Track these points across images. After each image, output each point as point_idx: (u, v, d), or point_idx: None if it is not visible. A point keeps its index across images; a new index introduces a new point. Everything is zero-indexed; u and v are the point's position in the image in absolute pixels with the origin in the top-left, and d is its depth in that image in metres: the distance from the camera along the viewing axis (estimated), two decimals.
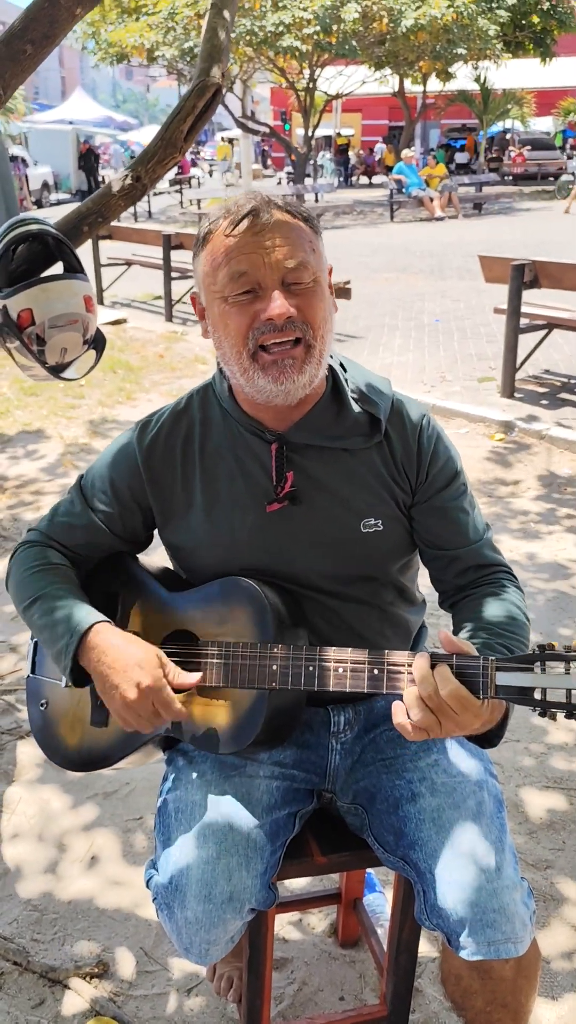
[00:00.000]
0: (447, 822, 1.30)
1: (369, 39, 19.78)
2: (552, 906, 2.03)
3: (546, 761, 2.53)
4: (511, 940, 1.24)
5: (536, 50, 23.85)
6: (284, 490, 1.36)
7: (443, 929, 1.26)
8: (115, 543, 1.49)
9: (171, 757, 1.46)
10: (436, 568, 1.47)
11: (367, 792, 1.42)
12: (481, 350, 7.30)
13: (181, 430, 1.44)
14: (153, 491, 1.43)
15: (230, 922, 1.28)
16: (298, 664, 1.25)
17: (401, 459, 1.40)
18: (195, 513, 1.41)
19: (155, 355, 7.42)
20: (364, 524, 1.38)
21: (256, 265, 1.26)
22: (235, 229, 1.27)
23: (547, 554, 3.81)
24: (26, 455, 5.10)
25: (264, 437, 1.38)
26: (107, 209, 2.30)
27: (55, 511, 1.52)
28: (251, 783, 1.37)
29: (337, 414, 1.39)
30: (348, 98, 25.59)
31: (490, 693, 1.15)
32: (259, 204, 1.28)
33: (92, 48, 22.17)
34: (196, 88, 2.26)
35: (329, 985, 1.86)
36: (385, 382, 1.46)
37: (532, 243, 12.87)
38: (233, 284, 1.27)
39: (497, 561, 1.47)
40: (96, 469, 1.50)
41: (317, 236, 1.33)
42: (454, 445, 1.48)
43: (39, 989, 1.84)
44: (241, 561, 1.38)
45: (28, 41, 1.80)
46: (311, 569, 1.38)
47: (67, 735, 1.47)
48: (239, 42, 18.38)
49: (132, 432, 1.47)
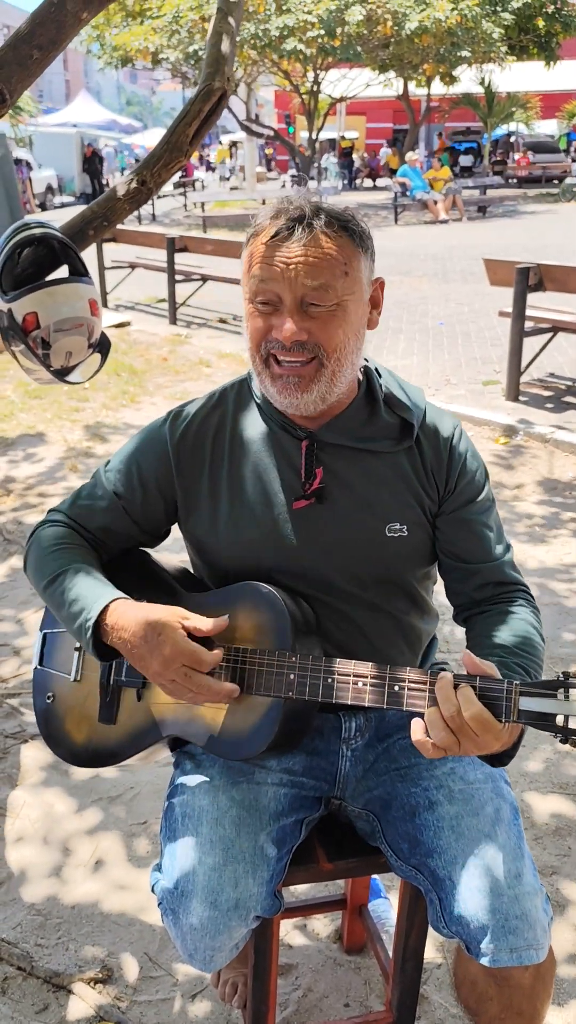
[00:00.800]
0: (466, 829, 1.29)
1: (373, 42, 19.81)
2: (558, 912, 2.03)
3: (552, 767, 2.52)
4: (533, 947, 1.23)
5: (540, 53, 23.87)
6: (312, 487, 1.36)
7: (463, 936, 1.26)
8: (133, 531, 1.48)
9: (179, 760, 1.45)
10: (454, 580, 1.47)
11: (381, 800, 1.41)
12: (485, 353, 7.30)
13: (213, 422, 1.44)
14: (180, 481, 1.43)
15: (235, 929, 1.27)
16: (316, 675, 1.25)
17: (432, 466, 1.41)
18: (220, 506, 1.41)
19: (159, 358, 7.42)
20: (389, 528, 1.38)
21: (278, 280, 1.26)
22: (272, 238, 1.27)
23: (551, 558, 3.81)
24: (29, 458, 5.11)
25: (295, 434, 1.39)
26: (112, 213, 2.31)
27: (78, 494, 1.51)
28: (259, 790, 1.36)
29: (369, 417, 1.40)
30: (352, 101, 25.63)
31: (512, 717, 1.15)
32: (301, 217, 1.26)
33: (97, 51, 22.22)
34: (202, 92, 2.26)
35: (334, 991, 1.85)
36: (418, 391, 1.47)
37: (536, 246, 12.87)
38: (257, 293, 1.29)
39: (516, 580, 1.47)
40: (123, 455, 1.49)
41: (360, 255, 1.30)
42: (483, 460, 1.48)
43: (43, 994, 1.84)
44: (263, 557, 1.38)
45: (35, 46, 1.81)
46: (332, 570, 1.38)
47: (73, 730, 1.46)
48: (243, 45, 18.43)
49: (163, 421, 1.47)
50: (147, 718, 1.39)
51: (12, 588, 3.56)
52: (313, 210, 1.27)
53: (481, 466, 1.46)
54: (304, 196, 1.31)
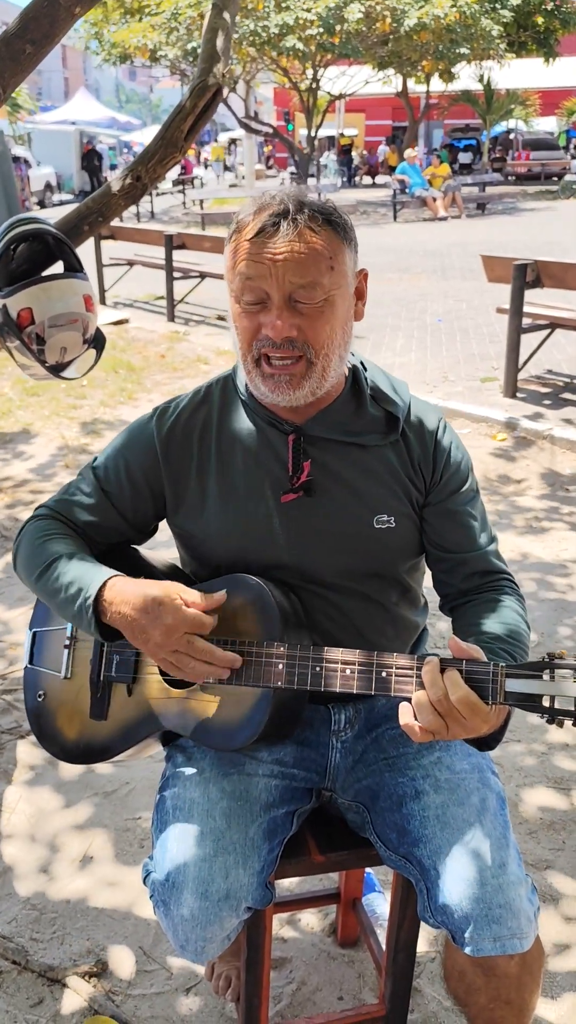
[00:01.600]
0: (451, 819, 1.30)
1: (372, 39, 19.79)
2: (552, 906, 2.03)
3: (546, 761, 2.53)
4: (516, 936, 1.24)
5: (539, 50, 23.88)
6: (300, 480, 1.37)
7: (448, 926, 1.26)
8: (121, 527, 1.48)
9: (170, 753, 1.46)
10: (441, 571, 1.48)
11: (369, 791, 1.42)
12: (484, 350, 7.30)
13: (199, 419, 1.44)
14: (169, 476, 1.44)
15: (226, 920, 1.28)
16: (304, 664, 1.25)
17: (418, 459, 1.42)
18: (209, 501, 1.41)
19: (157, 355, 7.42)
20: (377, 520, 1.39)
21: (265, 277, 1.26)
22: (255, 235, 1.26)
23: (549, 554, 3.81)
24: (27, 455, 5.11)
25: (282, 428, 1.39)
26: (107, 209, 2.31)
27: (65, 490, 1.52)
28: (250, 781, 1.37)
29: (355, 411, 1.40)
30: (351, 98, 25.59)
31: (499, 699, 1.16)
32: (285, 212, 1.26)
33: (95, 48, 22.20)
34: (196, 88, 2.26)
35: (328, 985, 1.86)
36: (403, 384, 1.47)
37: (535, 243, 12.87)
38: (243, 291, 1.29)
39: (501, 569, 1.48)
40: (110, 451, 1.50)
41: (345, 247, 1.30)
42: (468, 452, 1.49)
43: (38, 988, 1.84)
44: (252, 552, 1.38)
45: (28, 41, 1.81)
46: (321, 562, 1.39)
47: (65, 727, 1.47)
48: (242, 42, 18.41)
49: (150, 417, 1.47)
50: (138, 713, 1.39)
51: (8, 585, 3.56)
52: (296, 204, 1.27)
53: (465, 457, 1.47)
54: (285, 190, 1.31)
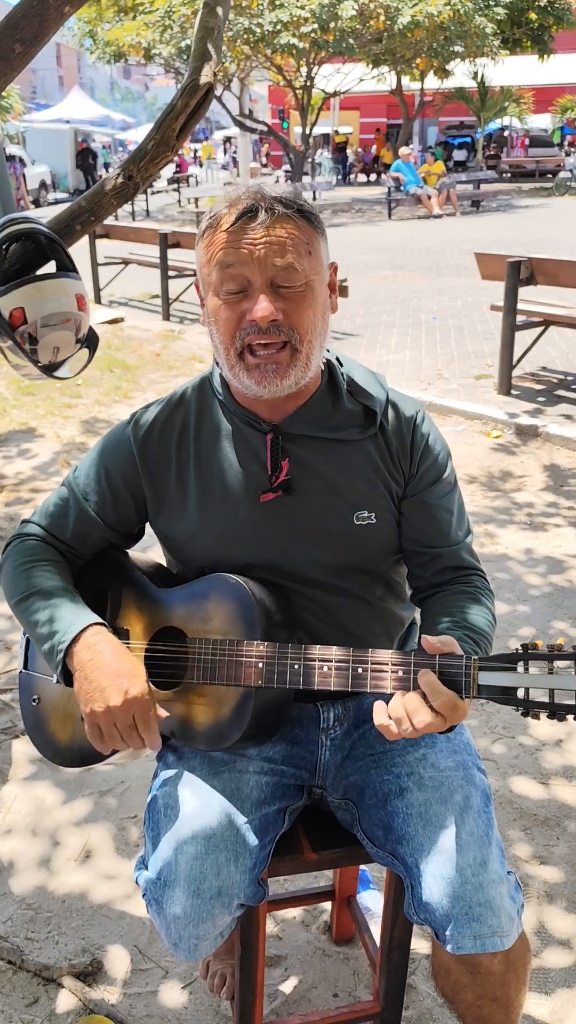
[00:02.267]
0: (434, 817, 1.30)
1: (366, 36, 19.77)
2: (545, 901, 2.04)
3: (540, 756, 2.53)
4: (497, 934, 1.24)
5: (534, 47, 23.85)
6: (279, 479, 1.36)
7: (430, 923, 1.27)
8: (107, 534, 1.49)
9: (161, 753, 1.46)
10: (414, 564, 1.48)
11: (356, 787, 1.43)
12: (478, 347, 7.30)
13: (177, 421, 1.44)
14: (148, 481, 1.44)
15: (219, 917, 1.28)
16: (283, 662, 1.26)
17: (396, 451, 1.41)
18: (189, 504, 1.41)
19: (152, 354, 7.42)
20: (357, 516, 1.39)
21: (246, 263, 1.26)
22: (232, 225, 1.27)
23: (544, 549, 3.82)
24: (22, 454, 5.10)
25: (259, 427, 1.39)
26: (100, 208, 2.30)
27: (47, 503, 1.52)
28: (240, 778, 1.37)
29: (332, 406, 1.40)
30: (346, 96, 25.56)
31: (472, 693, 1.17)
32: (259, 201, 1.28)
33: (89, 47, 22.16)
34: (188, 87, 2.26)
35: (323, 982, 1.86)
36: (380, 377, 1.47)
37: (530, 240, 12.87)
38: (224, 280, 1.29)
39: (473, 565, 1.48)
40: (88, 461, 1.50)
41: (318, 236, 1.32)
42: (448, 445, 1.49)
43: (33, 988, 1.84)
44: (234, 552, 1.38)
45: (17, 40, 1.80)
46: (304, 561, 1.39)
47: (59, 731, 1.47)
48: (236, 40, 18.37)
49: (127, 423, 1.47)
50: None
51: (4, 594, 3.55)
52: (269, 195, 1.29)
53: (444, 449, 1.47)
54: (253, 185, 1.32)
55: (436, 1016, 1.77)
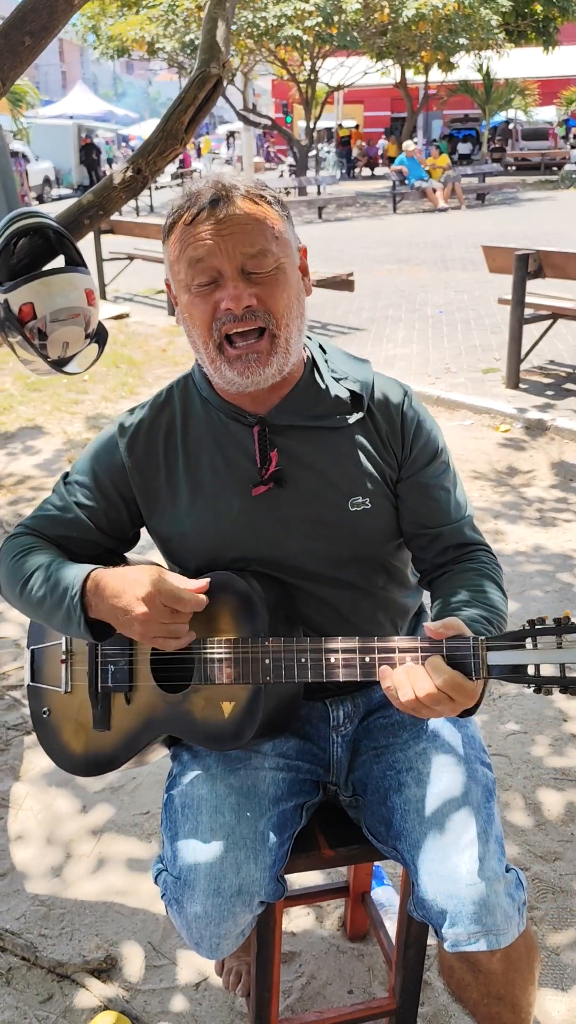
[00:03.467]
0: (431, 813, 1.29)
1: (371, 30, 19.70)
2: (561, 898, 2.03)
3: (555, 752, 2.52)
4: (492, 932, 1.23)
5: (539, 39, 23.75)
6: (269, 471, 1.35)
7: (428, 920, 1.27)
8: (101, 539, 1.47)
9: (176, 752, 1.45)
10: (417, 547, 1.46)
11: (361, 783, 1.42)
12: (485, 341, 7.28)
13: (163, 422, 1.43)
14: (137, 484, 1.42)
15: (240, 915, 1.28)
16: (291, 657, 1.24)
17: (386, 435, 1.40)
18: (181, 503, 1.40)
19: (158, 349, 7.41)
20: (352, 503, 1.37)
21: (215, 254, 1.25)
22: (195, 219, 1.26)
23: (554, 544, 3.80)
24: (29, 451, 5.10)
25: (245, 421, 1.37)
26: (108, 202, 2.29)
27: (41, 507, 1.50)
28: (257, 775, 1.36)
29: (317, 394, 1.38)
30: (350, 89, 25.49)
31: (482, 674, 1.15)
32: (219, 191, 1.26)
33: (92, 42, 22.11)
34: (196, 79, 2.25)
35: (338, 979, 1.85)
36: (365, 362, 1.45)
37: (536, 233, 12.82)
38: (194, 274, 1.27)
39: (477, 540, 1.45)
40: (80, 465, 1.49)
41: (283, 219, 1.31)
42: (437, 424, 1.47)
43: (47, 984, 1.84)
44: (230, 549, 1.37)
45: (27, 32, 1.79)
46: (301, 553, 1.37)
47: (72, 741, 1.46)
48: (240, 34, 18.33)
49: (114, 427, 1.46)
50: (138, 720, 1.39)
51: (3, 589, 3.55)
52: (228, 182, 1.27)
53: (434, 429, 1.45)
54: (209, 174, 1.31)
55: (452, 1012, 1.76)
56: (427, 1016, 1.76)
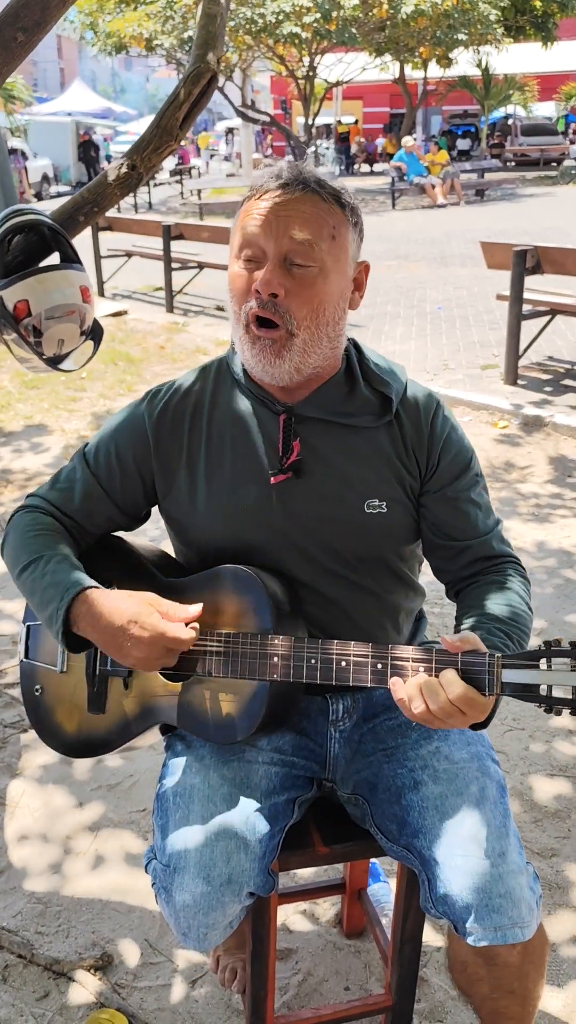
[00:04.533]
0: (450, 809, 1.29)
1: (369, 25, 19.65)
2: (558, 894, 2.03)
3: (552, 749, 2.52)
4: (517, 925, 1.23)
5: (538, 34, 23.68)
6: (290, 460, 1.35)
7: (449, 916, 1.26)
8: (113, 513, 1.47)
9: (170, 742, 1.45)
10: (440, 558, 1.46)
11: (368, 782, 1.41)
12: (484, 337, 7.27)
13: (191, 400, 1.44)
14: (158, 459, 1.43)
15: (228, 905, 1.27)
16: (300, 657, 1.24)
17: (412, 442, 1.40)
18: (198, 483, 1.40)
19: (156, 346, 7.40)
20: (368, 504, 1.37)
21: (266, 233, 1.27)
22: (266, 193, 1.28)
23: (554, 541, 3.80)
24: (28, 448, 5.09)
25: (273, 408, 1.38)
26: (103, 198, 2.28)
27: (56, 477, 1.51)
28: (249, 768, 1.36)
29: (348, 392, 1.39)
30: (348, 86, 25.44)
31: (495, 690, 1.16)
32: (298, 176, 1.28)
33: (90, 39, 22.06)
34: (191, 75, 2.24)
35: (334, 975, 1.85)
36: (400, 367, 1.46)
37: (535, 229, 12.80)
38: (243, 245, 1.30)
39: (505, 552, 1.46)
40: (101, 436, 1.48)
41: (349, 226, 1.32)
42: (467, 435, 1.47)
43: (44, 981, 1.84)
44: (242, 535, 1.37)
45: (19, 28, 1.78)
46: (309, 548, 1.37)
47: (64, 721, 1.46)
48: (239, 30, 18.28)
49: (142, 400, 1.46)
50: (135, 707, 1.39)
51: (9, 579, 3.54)
52: (310, 174, 1.30)
53: (465, 442, 1.45)
54: (299, 165, 1.33)
55: (448, 1009, 1.76)
56: (423, 1012, 1.76)
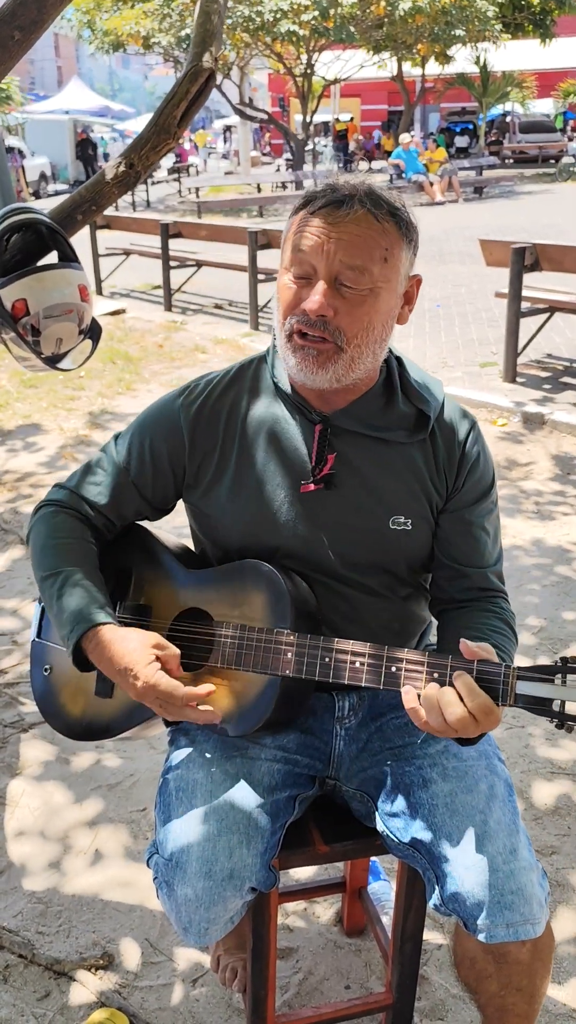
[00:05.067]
0: (460, 807, 1.29)
1: (367, 23, 19.63)
2: (558, 892, 2.03)
3: (552, 747, 2.52)
4: (529, 921, 1.24)
5: (536, 31, 23.66)
6: (323, 472, 1.35)
7: (460, 914, 1.26)
8: (142, 506, 1.47)
9: (173, 736, 1.46)
10: (442, 577, 1.46)
11: (375, 780, 1.41)
12: (483, 335, 7.27)
13: (228, 400, 1.43)
14: (191, 456, 1.42)
15: (230, 900, 1.28)
16: (314, 654, 1.25)
17: (443, 461, 1.40)
18: (227, 484, 1.40)
19: (154, 345, 7.39)
20: (393, 521, 1.37)
21: (317, 252, 1.25)
22: (319, 209, 1.26)
23: (552, 538, 3.80)
24: (26, 448, 5.09)
25: (310, 417, 1.38)
26: (101, 197, 2.28)
27: (86, 468, 1.50)
28: (252, 764, 1.36)
29: (385, 405, 1.38)
30: (346, 83, 25.40)
31: (509, 701, 1.16)
32: (356, 193, 1.26)
33: (88, 37, 22.03)
34: (189, 73, 2.23)
35: (335, 974, 1.85)
36: (437, 383, 1.45)
37: (534, 227, 12.80)
38: (294, 261, 1.29)
39: (500, 588, 1.47)
40: (134, 428, 1.48)
41: (403, 244, 1.30)
42: (494, 462, 1.47)
43: (45, 981, 1.84)
44: (265, 538, 1.37)
45: (16, 27, 1.78)
46: (333, 555, 1.37)
47: (69, 703, 1.46)
48: (236, 28, 18.26)
49: (178, 394, 1.46)
50: None
51: (11, 578, 3.55)
52: (366, 190, 1.28)
53: (490, 468, 1.45)
54: (358, 177, 1.31)
55: (449, 1007, 1.76)
56: (424, 1010, 1.76)
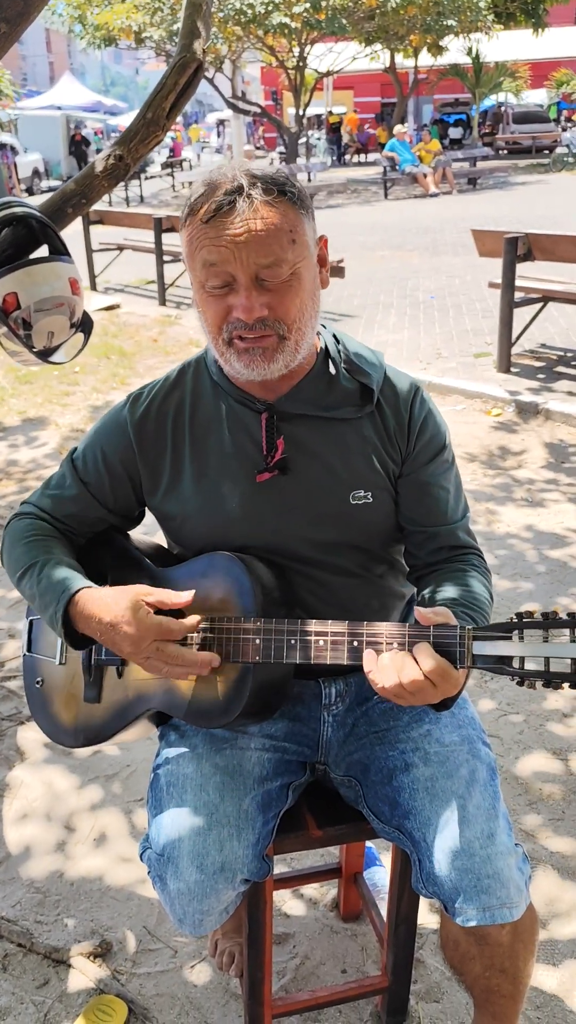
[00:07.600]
0: (440, 791, 1.31)
1: (358, 14, 19.55)
2: (552, 874, 2.04)
3: (544, 731, 2.54)
4: (506, 905, 1.25)
5: (528, 21, 23.59)
6: (275, 459, 1.36)
7: (439, 896, 1.27)
8: (105, 516, 1.49)
9: (164, 732, 1.47)
10: (411, 544, 1.47)
11: (360, 764, 1.43)
12: (477, 325, 7.27)
13: (172, 402, 1.44)
14: (143, 463, 1.43)
15: (223, 892, 1.29)
16: (280, 637, 1.25)
17: (393, 429, 1.40)
18: (185, 484, 1.41)
19: (149, 340, 7.39)
20: (353, 496, 1.38)
21: (228, 261, 1.23)
22: (211, 218, 1.22)
23: (545, 525, 3.81)
24: (23, 443, 5.09)
25: (254, 407, 1.38)
26: (91, 190, 2.28)
27: (46, 484, 1.52)
28: (242, 755, 1.37)
29: (328, 384, 1.39)
30: (339, 75, 25.33)
31: (467, 663, 1.16)
32: (240, 186, 1.22)
33: (79, 32, 21.94)
34: (177, 64, 2.24)
35: (331, 959, 1.87)
36: (377, 354, 1.46)
37: (528, 217, 12.78)
38: (208, 275, 1.25)
39: (471, 544, 1.47)
40: (87, 442, 1.49)
41: (302, 218, 1.27)
42: (446, 422, 1.47)
43: (43, 969, 1.85)
44: (231, 533, 1.38)
45: (2, 19, 1.78)
46: (301, 540, 1.38)
47: (62, 712, 1.48)
48: (228, 21, 18.19)
49: (123, 405, 1.46)
50: (128, 694, 1.40)
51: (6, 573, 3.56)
52: (249, 179, 1.23)
53: (441, 426, 1.45)
54: (235, 164, 1.27)
55: (444, 989, 1.78)
56: (419, 993, 1.77)
